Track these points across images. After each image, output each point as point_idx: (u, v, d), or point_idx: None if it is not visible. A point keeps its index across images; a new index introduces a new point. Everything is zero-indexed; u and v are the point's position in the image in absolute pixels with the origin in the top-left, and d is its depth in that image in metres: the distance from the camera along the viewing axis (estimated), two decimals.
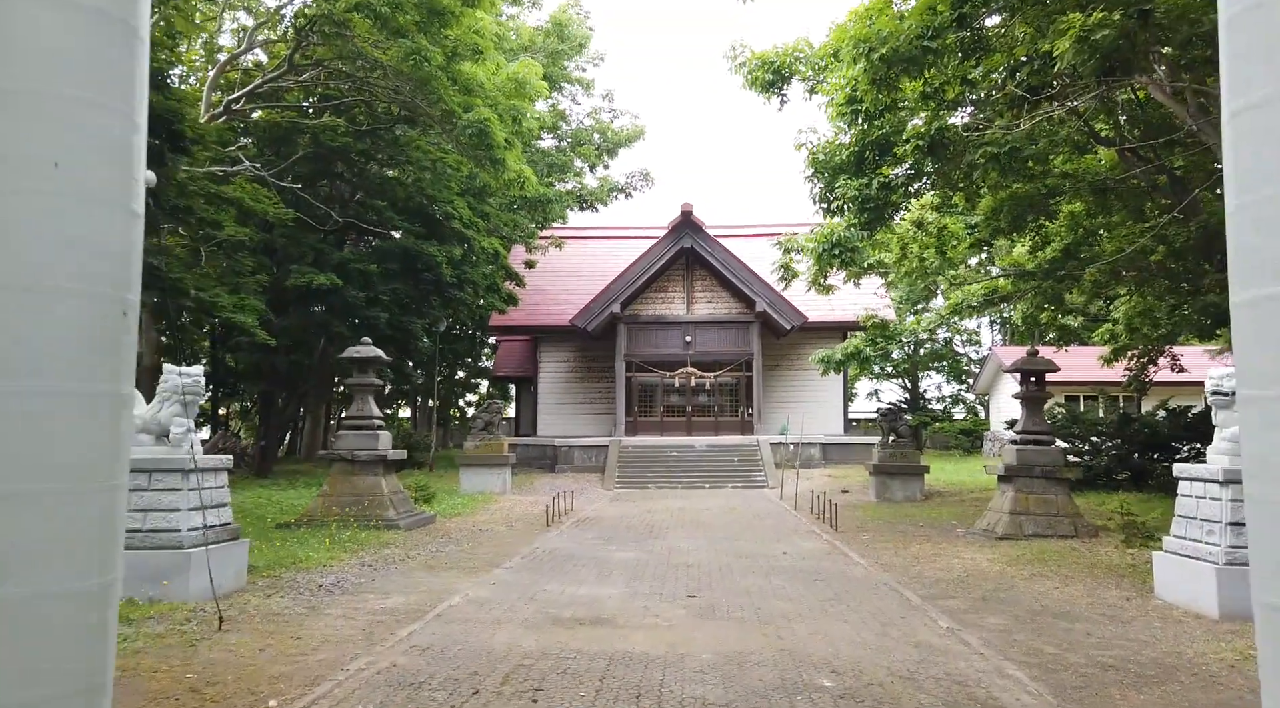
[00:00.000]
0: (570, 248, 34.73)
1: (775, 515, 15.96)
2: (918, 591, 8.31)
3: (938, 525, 14.12)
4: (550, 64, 25.27)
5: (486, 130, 15.33)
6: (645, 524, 14.39)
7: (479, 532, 13.02)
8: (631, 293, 27.92)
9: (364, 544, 10.97)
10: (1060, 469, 12.48)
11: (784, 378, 30.63)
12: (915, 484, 18.76)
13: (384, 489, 12.99)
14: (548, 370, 31.36)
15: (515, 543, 11.80)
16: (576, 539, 12.26)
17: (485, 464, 19.62)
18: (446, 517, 14.88)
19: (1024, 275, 16.35)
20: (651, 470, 24.24)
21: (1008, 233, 16.77)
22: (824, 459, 26.93)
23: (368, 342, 13.61)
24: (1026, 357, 12.99)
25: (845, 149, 12.10)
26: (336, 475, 13.08)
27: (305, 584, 8.19)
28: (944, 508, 16.71)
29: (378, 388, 13.61)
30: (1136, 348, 18.62)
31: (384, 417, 13.74)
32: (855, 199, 11.86)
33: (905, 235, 17.32)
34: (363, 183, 22.86)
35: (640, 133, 30.23)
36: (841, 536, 12.92)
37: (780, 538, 12.56)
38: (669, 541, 12.16)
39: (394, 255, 21.46)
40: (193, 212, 12.18)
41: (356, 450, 13.01)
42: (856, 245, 12.23)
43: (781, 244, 18.90)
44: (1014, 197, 15.65)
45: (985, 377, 35.62)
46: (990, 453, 33.88)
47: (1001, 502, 12.81)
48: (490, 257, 22.45)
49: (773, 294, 27.46)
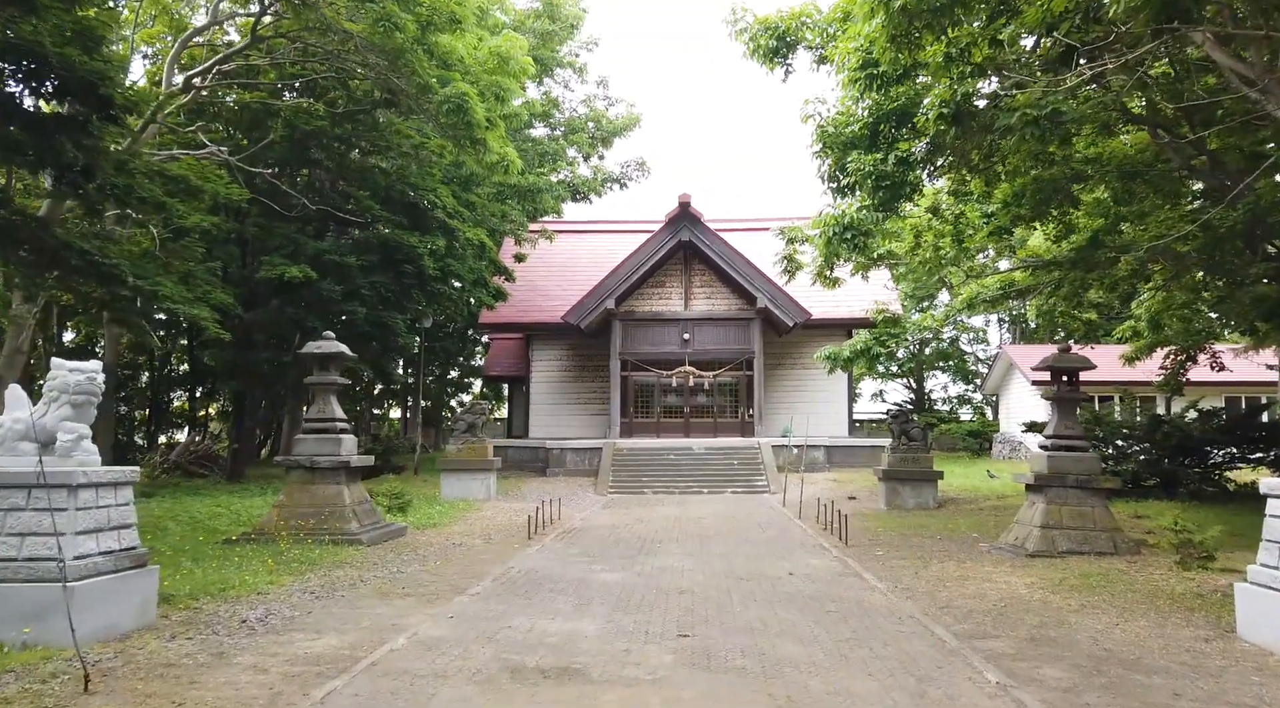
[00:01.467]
0: (564, 243, 33.46)
1: (778, 525, 14.70)
2: (951, 626, 7.05)
3: (957, 538, 12.86)
4: (541, 46, 24.00)
5: (464, 106, 14.06)
6: (637, 536, 13.13)
7: (451, 547, 11.75)
8: (627, 288, 26.65)
9: (315, 564, 9.69)
10: (1097, 478, 11.21)
11: (786, 378, 29.36)
12: (928, 491, 17.50)
13: (346, 499, 11.72)
14: (540, 370, 30.10)
15: (489, 561, 10.54)
16: (558, 556, 10.99)
17: (468, 469, 18.35)
18: (420, 528, 13.61)
19: (1048, 266, 15.08)
20: (647, 474, 22.99)
21: (1029, 220, 15.52)
22: (828, 462, 25.67)
23: (330, 336, 12.34)
24: (1058, 353, 11.71)
25: (858, 121, 10.84)
26: (294, 484, 11.81)
27: (226, 620, 6.92)
28: (960, 518, 15.45)
29: (341, 387, 12.35)
30: (1174, 345, 17.32)
31: (348, 419, 12.47)
32: (869, 176, 10.60)
33: (920, 223, 16.11)
34: (343, 171, 21.59)
35: (636, 121, 28.92)
36: (853, 551, 11.66)
37: (785, 553, 11.30)
38: (661, 557, 10.89)
39: (373, 247, 20.20)
40: (133, 191, 10.91)
41: (316, 457, 11.74)
42: (870, 229, 10.95)
43: (785, 234, 17.69)
44: (1037, 181, 14.43)
45: (994, 376, 34.36)
46: (999, 456, 32.63)
47: (1031, 514, 11.55)
48: (476, 249, 21.16)
49: (774, 289, 26.20)
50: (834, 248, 11.09)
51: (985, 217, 16.52)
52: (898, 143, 10.97)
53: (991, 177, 14.40)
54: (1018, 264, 16.80)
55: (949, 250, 15.95)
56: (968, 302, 16.15)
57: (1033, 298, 18.71)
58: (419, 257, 19.91)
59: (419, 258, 19.92)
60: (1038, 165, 13.97)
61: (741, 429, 27.00)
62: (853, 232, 10.71)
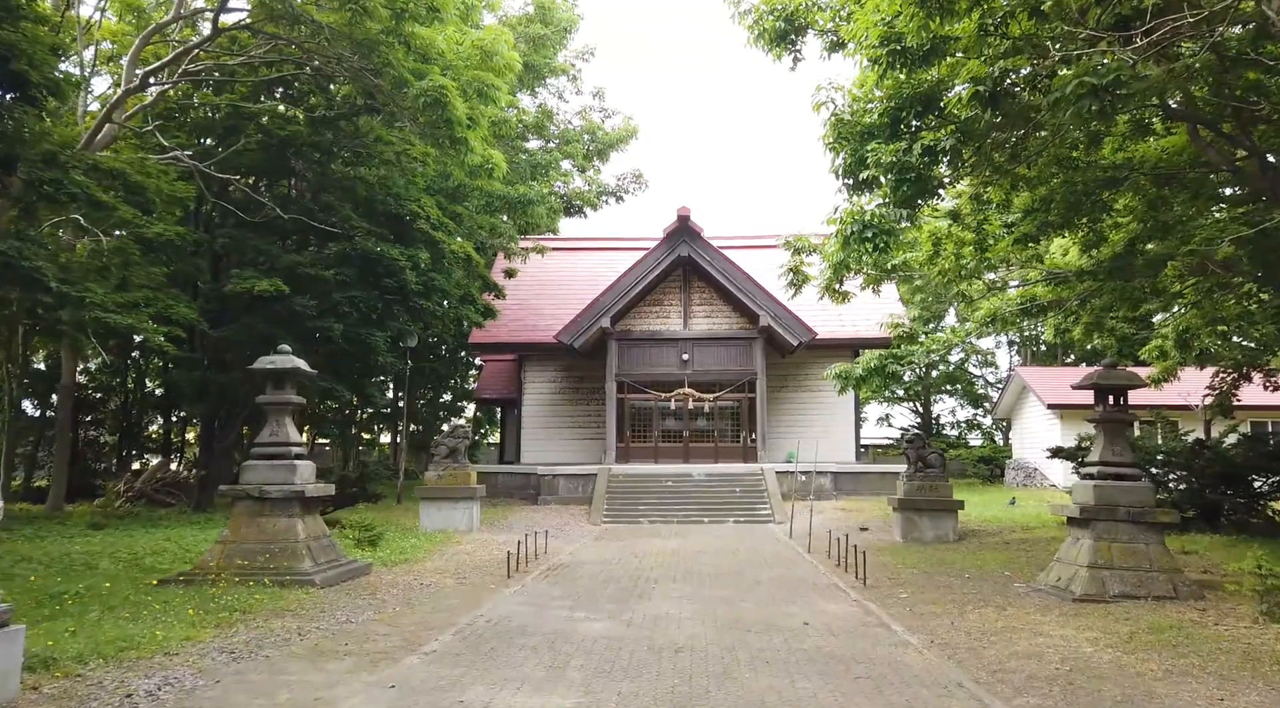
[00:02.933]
0: (559, 260, 32.24)
1: (786, 561, 13.31)
2: (1011, 700, 5.68)
3: (988, 577, 11.47)
4: (532, 53, 22.91)
5: (442, 101, 12.86)
6: (630, 574, 11.74)
7: (418, 588, 10.36)
8: (623, 306, 25.37)
9: (250, 612, 8.31)
10: (1152, 511, 9.85)
11: (790, 400, 28.00)
12: (948, 522, 16.11)
13: (299, 534, 10.34)
14: (533, 392, 28.76)
15: (457, 607, 9.15)
16: (538, 599, 9.61)
17: (449, 498, 16.96)
18: (387, 565, 12.21)
19: (1081, 276, 13.80)
20: (644, 502, 21.59)
21: (1059, 228, 14.28)
22: (835, 490, 24.25)
23: (286, 350, 11.02)
24: (1104, 369, 10.38)
25: (879, 106, 9.61)
26: (240, 517, 10.43)
27: (109, 693, 5.55)
28: (986, 552, 14.05)
29: (297, 407, 11.01)
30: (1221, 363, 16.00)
31: (304, 444, 11.13)
32: (891, 168, 9.33)
33: (940, 230, 14.86)
34: (324, 181, 20.39)
35: (634, 132, 27.77)
36: (873, 592, 10.28)
37: (796, 596, 9.92)
38: (656, 602, 9.51)
39: (351, 260, 18.93)
40: (62, 186, 9.66)
41: (266, 486, 10.38)
42: (892, 226, 9.66)
43: (790, 245, 16.44)
44: (1068, 183, 13.23)
45: (1006, 400, 33.00)
46: (1013, 483, 31.20)
47: (1075, 551, 10.18)
48: (463, 262, 19.89)
49: (778, 307, 24.92)
50: (852, 249, 9.77)
51: (1006, 226, 15.33)
52: (922, 133, 9.72)
53: (1015, 181, 13.23)
54: (1044, 275, 15.53)
55: (970, 260, 14.69)
56: (991, 315, 14.86)
57: (1054, 314, 17.41)
58: (400, 270, 18.64)
59: (400, 271, 18.65)
60: (1061, 171, 12.80)
61: (744, 455, 25.61)
62: (873, 230, 9.42)
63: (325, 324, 18.28)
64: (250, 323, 18.32)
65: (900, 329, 14.96)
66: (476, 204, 21.75)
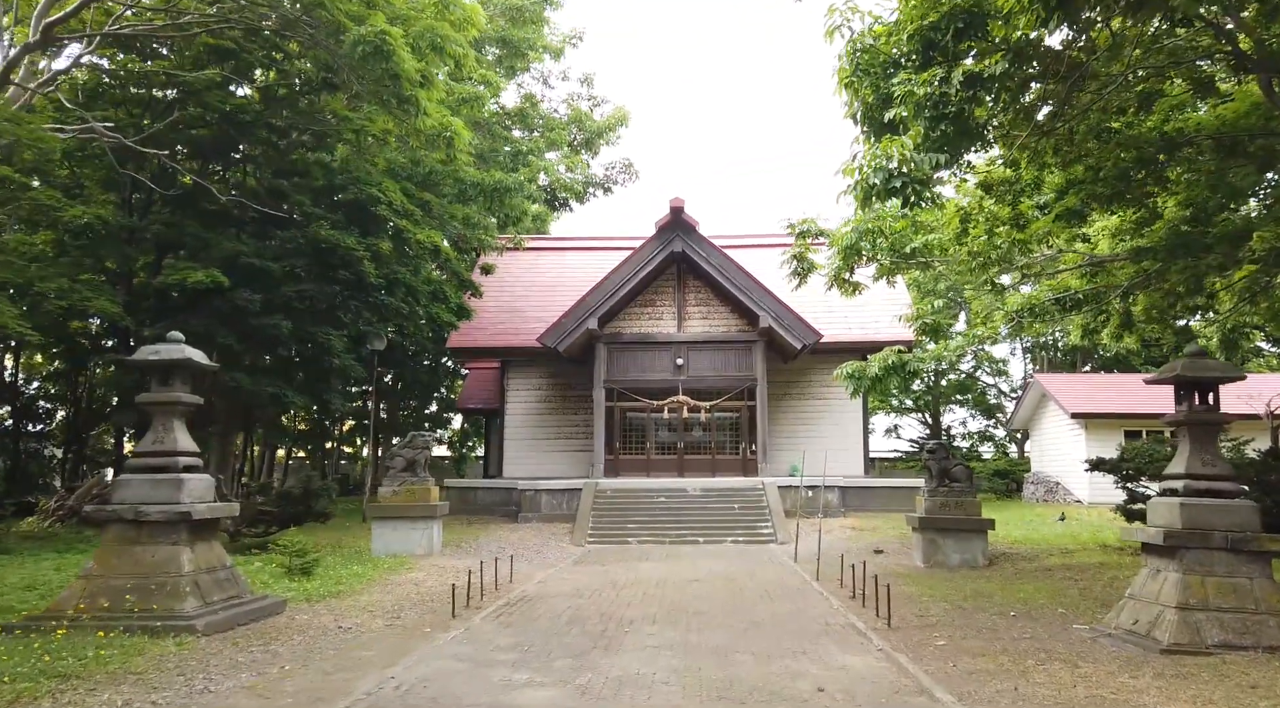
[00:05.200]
0: (545, 261, 30.27)
1: (792, 592, 11.22)
2: None
3: (1039, 616, 9.39)
4: (512, 27, 20.97)
5: (385, 50, 10.89)
6: (603, 613, 9.66)
7: (331, 634, 8.28)
8: (612, 306, 23.32)
9: (79, 676, 6.23)
10: (1256, 537, 7.78)
11: (793, 409, 25.94)
12: (975, 544, 14.02)
13: (185, 566, 8.27)
14: (515, 401, 26.68)
15: (367, 664, 7.07)
16: (477, 651, 7.53)
17: (406, 517, 14.87)
18: (311, 601, 10.12)
19: (1137, 256, 11.78)
20: (633, 520, 19.50)
21: (1108, 202, 12.29)
22: (842, 506, 22.14)
23: (178, 337, 8.96)
24: (1190, 360, 8.32)
25: (906, 26, 7.60)
26: (110, 545, 8.36)
27: None
28: (1025, 582, 11.96)
29: (188, 409, 8.95)
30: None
31: (200, 453, 9.07)
32: (925, 103, 7.33)
33: (970, 205, 12.86)
34: (279, 165, 18.42)
35: (624, 119, 25.75)
36: (901, 637, 8.21)
37: (806, 644, 7.85)
38: (627, 655, 7.43)
39: (302, 249, 16.93)
40: None
41: (143, 505, 8.31)
42: (927, 175, 7.60)
43: (795, 228, 14.46)
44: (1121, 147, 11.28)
45: (1024, 410, 30.89)
46: (1032, 498, 29.08)
47: (1155, 586, 8.10)
48: (430, 254, 17.89)
49: (780, 307, 22.90)
50: (881, 197, 7.62)
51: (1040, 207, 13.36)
52: (959, 64, 7.72)
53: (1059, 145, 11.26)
54: (1086, 260, 13.51)
55: (1004, 240, 12.67)
56: (1028, 305, 12.85)
57: (1083, 312, 15.37)
58: (357, 261, 16.63)
59: (357, 262, 16.64)
60: (1100, 145, 10.87)
61: (743, 468, 23.51)
62: (904, 179, 7.39)
63: (272, 321, 16.26)
64: (186, 321, 16.30)
65: (922, 320, 12.91)
66: (449, 192, 19.77)
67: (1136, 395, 26.67)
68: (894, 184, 7.43)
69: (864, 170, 7.60)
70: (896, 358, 12.68)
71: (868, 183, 7.61)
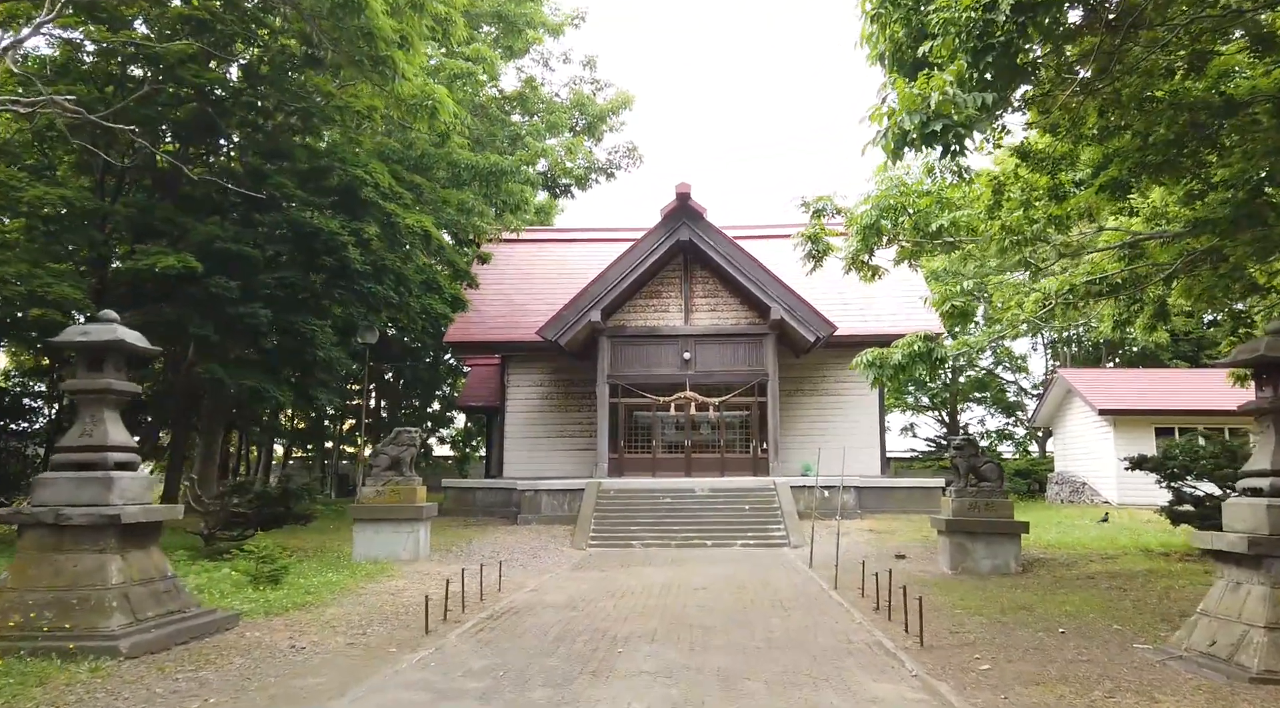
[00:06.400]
0: (548, 253, 29.20)
1: (808, 602, 10.09)
2: None
3: (1093, 633, 8.24)
4: (509, 1, 19.90)
5: (356, 2, 9.86)
6: (595, 627, 8.56)
7: (280, 656, 7.20)
8: (615, 298, 22.22)
9: None
10: None
11: (805, 405, 24.78)
12: (1008, 549, 12.86)
13: (112, 577, 7.21)
14: (516, 398, 25.61)
15: (309, 695, 5.98)
16: (443, 678, 6.43)
17: (391, 519, 13.80)
18: (271, 614, 9.05)
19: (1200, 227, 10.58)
20: (637, 522, 18.39)
21: (1157, 172, 11.12)
22: (858, 507, 20.98)
23: (111, 316, 7.91)
24: (1272, 338, 7.12)
25: None
26: (29, 553, 7.30)
27: None
28: (1068, 591, 10.79)
29: (122, 398, 7.89)
30: None
31: (135, 448, 7.99)
32: (969, 30, 6.21)
33: (1003, 173, 11.72)
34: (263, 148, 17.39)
35: (628, 102, 24.62)
36: (937, 658, 7.08)
37: (828, 669, 6.72)
38: (616, 684, 6.32)
39: (284, 235, 15.90)
40: None
41: (65, 508, 7.26)
42: (972, 115, 6.43)
43: (809, 206, 13.31)
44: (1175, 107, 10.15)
45: (1047, 407, 29.61)
46: (1055, 498, 27.83)
47: (1238, 602, 6.94)
48: (421, 239, 16.81)
49: (793, 298, 21.75)
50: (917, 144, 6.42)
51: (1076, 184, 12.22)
52: None
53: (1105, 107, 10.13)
54: (1130, 238, 12.33)
55: (1042, 213, 11.50)
56: (1068, 285, 11.67)
57: (1117, 300, 14.16)
58: (341, 246, 15.57)
59: (341, 248, 15.58)
60: (1142, 114, 9.74)
61: (754, 467, 22.38)
62: (945, 122, 6.25)
63: (250, 310, 15.21)
64: (159, 309, 15.30)
65: (951, 303, 11.75)
66: (443, 176, 18.70)
67: (1168, 391, 25.41)
68: (932, 128, 6.28)
69: (896, 114, 6.45)
70: (923, 344, 11.53)
71: (899, 129, 6.46)
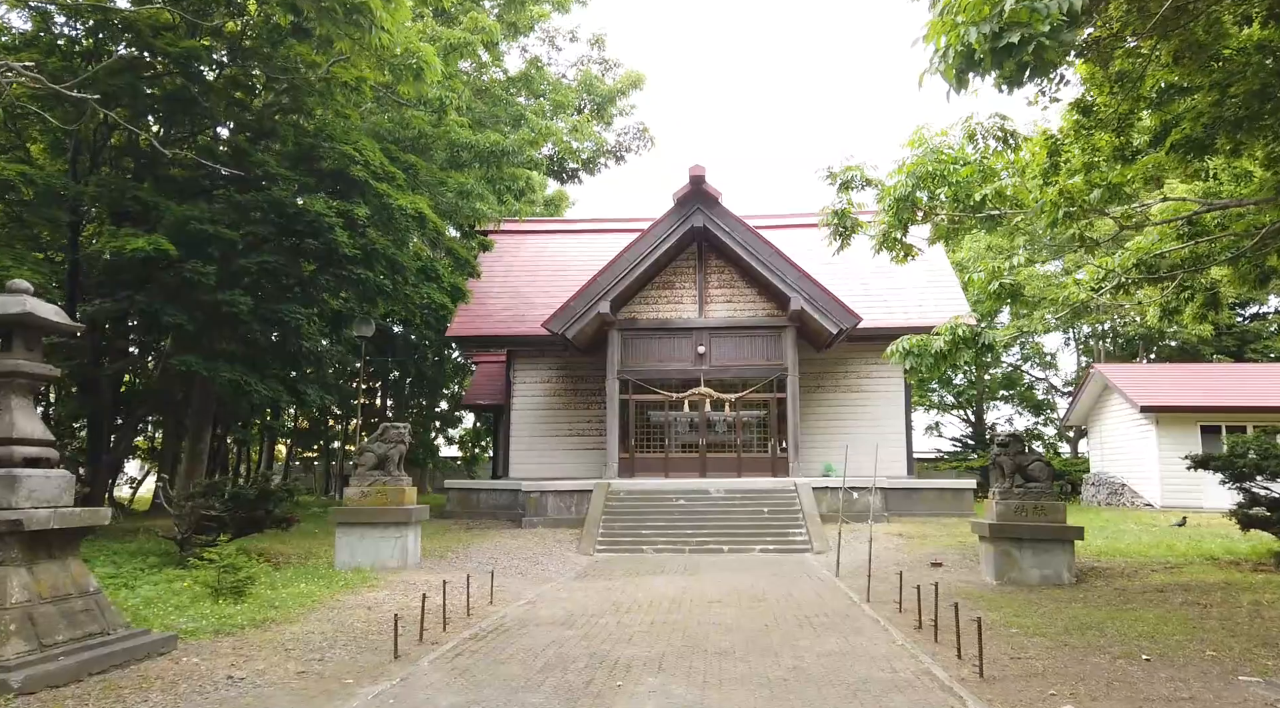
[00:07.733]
0: (556, 244, 28.02)
1: (838, 620, 8.81)
2: None
3: (1183, 660, 6.92)
4: None
5: None
6: (593, 652, 7.32)
7: (208, 690, 6.00)
8: (626, 288, 21.00)
9: None
10: None
11: (827, 402, 23.49)
12: (1059, 557, 11.52)
13: (12, 594, 6.04)
14: (523, 394, 24.46)
15: None
16: None
17: (377, 523, 12.61)
18: (220, 633, 7.86)
19: None
20: (649, 526, 17.17)
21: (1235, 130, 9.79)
22: (885, 510, 19.65)
23: (23, 287, 6.68)
24: None
25: None
26: None
27: None
28: (1137, 607, 9.44)
29: (37, 381, 6.73)
30: None
31: (53, 442, 6.82)
32: None
33: (1064, 130, 10.42)
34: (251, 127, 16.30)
35: (638, 81, 23.41)
36: (1001, 693, 5.80)
37: (868, 706, 5.47)
38: None
39: (266, 217, 14.77)
40: None
41: None
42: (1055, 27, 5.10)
43: (835, 177, 12.06)
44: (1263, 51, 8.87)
45: (1082, 405, 28.13)
46: (1092, 501, 26.37)
47: None
48: (415, 223, 15.66)
49: (814, 288, 20.47)
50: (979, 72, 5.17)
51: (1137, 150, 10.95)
52: None
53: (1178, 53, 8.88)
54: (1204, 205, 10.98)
55: (1104, 178, 10.18)
56: (1133, 259, 10.36)
57: (1164, 287, 12.78)
58: (327, 228, 14.42)
59: (327, 230, 14.43)
60: (1203, 72, 8.45)
61: (772, 467, 21.09)
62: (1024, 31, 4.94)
63: (229, 297, 14.09)
64: (132, 296, 14.20)
65: (1000, 281, 10.44)
66: (441, 157, 17.55)
67: (1213, 387, 23.90)
68: (1008, 40, 5.00)
69: (960, 25, 5.17)
70: (967, 329, 10.23)
71: (964, 45, 5.18)
